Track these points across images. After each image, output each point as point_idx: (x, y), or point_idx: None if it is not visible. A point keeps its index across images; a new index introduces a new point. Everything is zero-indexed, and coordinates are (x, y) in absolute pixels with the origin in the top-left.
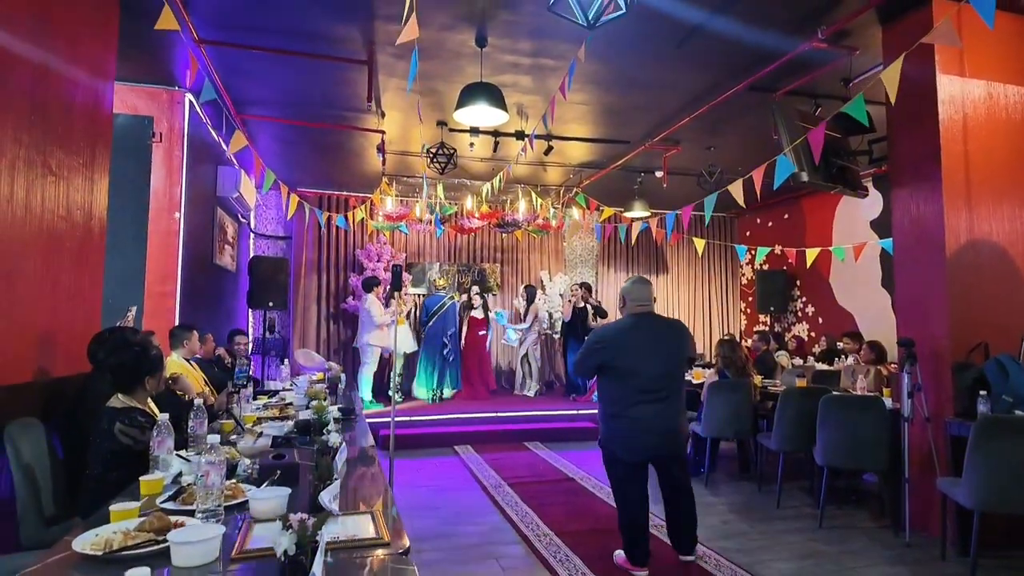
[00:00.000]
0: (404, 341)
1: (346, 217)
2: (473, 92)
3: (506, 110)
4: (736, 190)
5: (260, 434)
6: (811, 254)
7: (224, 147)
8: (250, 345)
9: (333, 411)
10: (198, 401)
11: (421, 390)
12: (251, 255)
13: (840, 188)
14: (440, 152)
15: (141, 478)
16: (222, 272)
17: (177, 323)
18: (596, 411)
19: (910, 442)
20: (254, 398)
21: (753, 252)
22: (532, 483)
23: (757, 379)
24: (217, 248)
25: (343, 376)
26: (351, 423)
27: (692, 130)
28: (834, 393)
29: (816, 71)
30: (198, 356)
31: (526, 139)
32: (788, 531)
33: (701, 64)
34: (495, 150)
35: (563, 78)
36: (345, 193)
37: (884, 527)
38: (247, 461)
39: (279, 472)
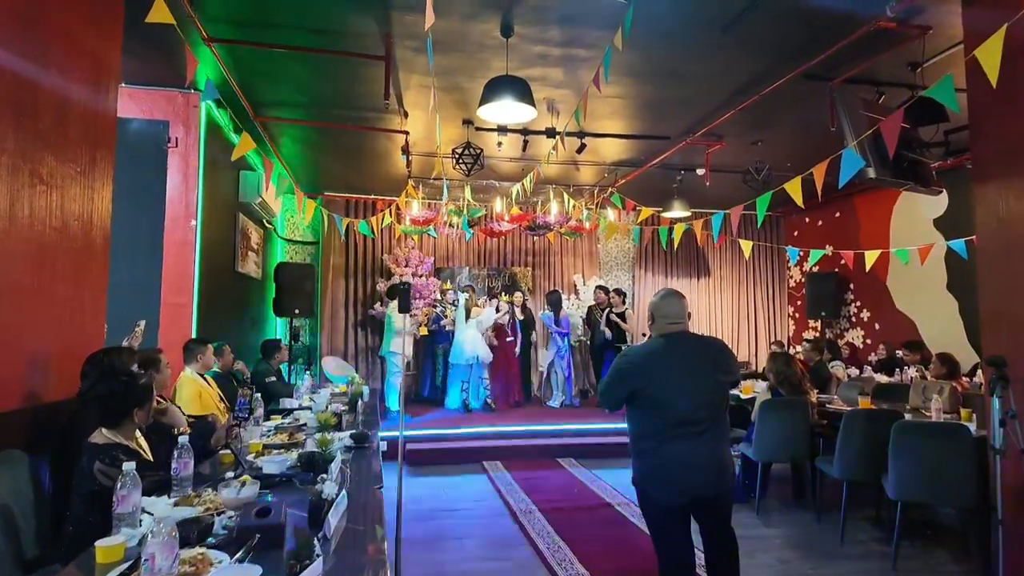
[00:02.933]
0: (475, 346)
1: (369, 223)
2: (498, 87)
3: (534, 105)
4: (794, 189)
5: (255, 473)
6: (870, 256)
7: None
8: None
9: (344, 440)
10: (183, 439)
11: (452, 400)
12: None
13: (911, 185)
14: (466, 153)
15: (97, 544)
16: (246, 280)
17: (194, 335)
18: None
19: (1003, 477)
20: (267, 418)
21: (806, 254)
22: (566, 509)
23: (813, 395)
24: (240, 255)
25: (365, 390)
26: (365, 453)
27: (737, 124)
28: (907, 417)
29: (879, 55)
30: (216, 370)
31: (557, 137)
32: (857, 573)
33: (748, 50)
34: (524, 149)
35: (596, 69)
36: (372, 197)
37: (970, 572)
38: (228, 516)
39: (257, 536)
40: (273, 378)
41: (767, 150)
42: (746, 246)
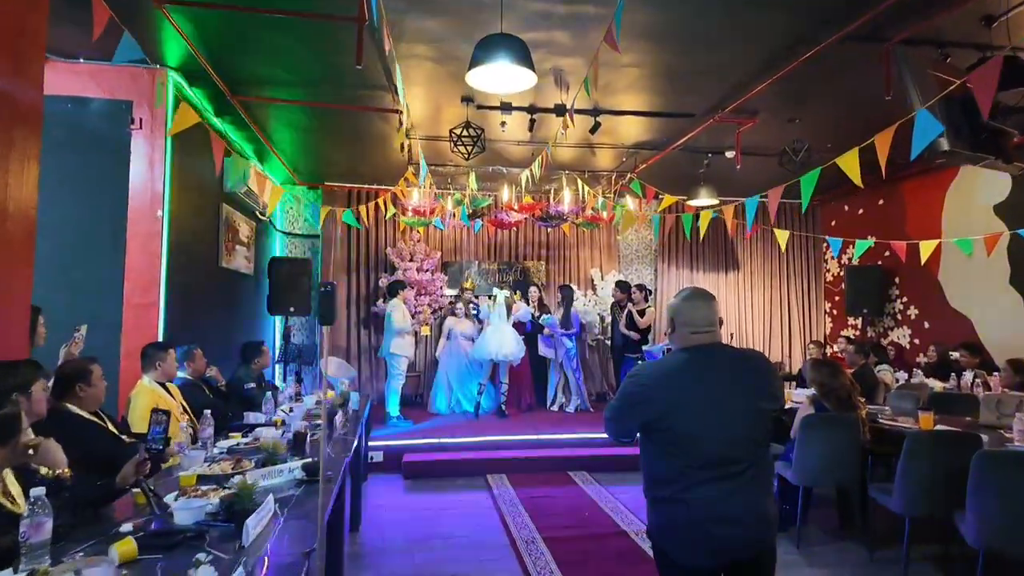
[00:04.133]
0: (506, 345)
1: (355, 212)
2: (490, 46)
3: (533, 69)
4: (850, 164)
5: (163, 525)
6: (925, 247)
7: (226, 135)
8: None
9: (293, 472)
10: (35, 492)
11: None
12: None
13: (990, 160)
14: (465, 133)
15: None
16: (234, 276)
17: (161, 339)
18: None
19: None
20: (226, 436)
21: (852, 244)
22: (574, 538)
23: (864, 409)
24: (224, 249)
25: (354, 396)
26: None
27: (772, 98)
28: (984, 439)
29: (945, 10)
30: (185, 377)
31: (566, 114)
32: None
33: (785, 9)
34: (532, 129)
35: (608, 25)
36: (375, 187)
37: None
38: None
39: None
40: (253, 385)
41: (805, 129)
42: (782, 236)
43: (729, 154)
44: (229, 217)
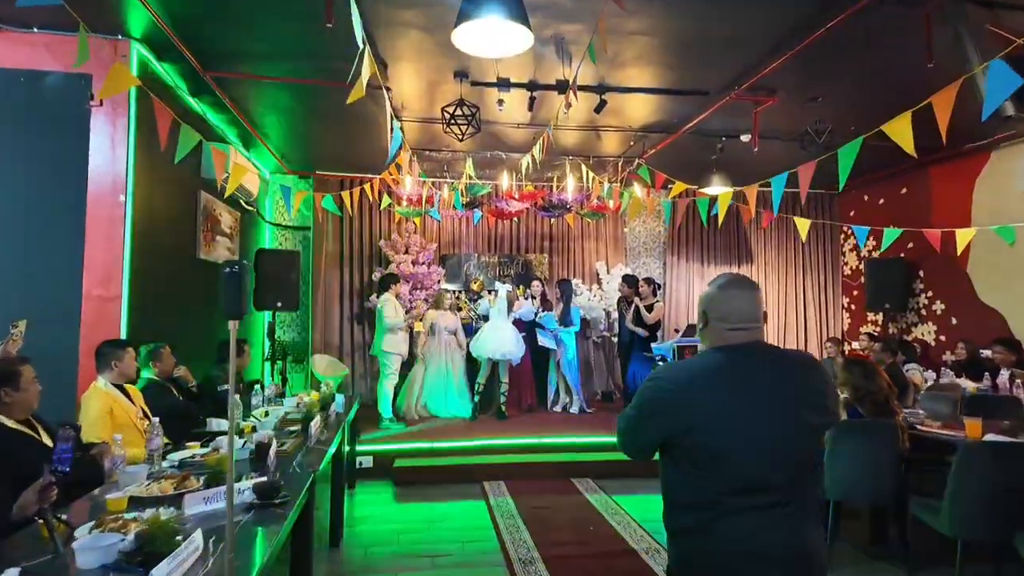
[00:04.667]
0: (505, 343)
1: (336, 198)
2: None
3: (529, 27)
4: (900, 132)
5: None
6: (963, 236)
7: (205, 116)
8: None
9: (243, 494)
10: None
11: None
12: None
13: None
14: (459, 112)
15: None
16: (215, 269)
17: (124, 335)
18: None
19: None
20: (183, 445)
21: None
22: (577, 557)
23: (901, 415)
24: (202, 240)
25: (339, 398)
26: (274, 516)
27: (793, 73)
28: None
29: None
30: (150, 378)
31: (569, 91)
32: None
33: None
34: (532, 108)
35: None
36: (369, 176)
37: None
38: None
39: None
40: (227, 387)
41: (827, 108)
42: (803, 225)
43: (744, 138)
44: (209, 205)
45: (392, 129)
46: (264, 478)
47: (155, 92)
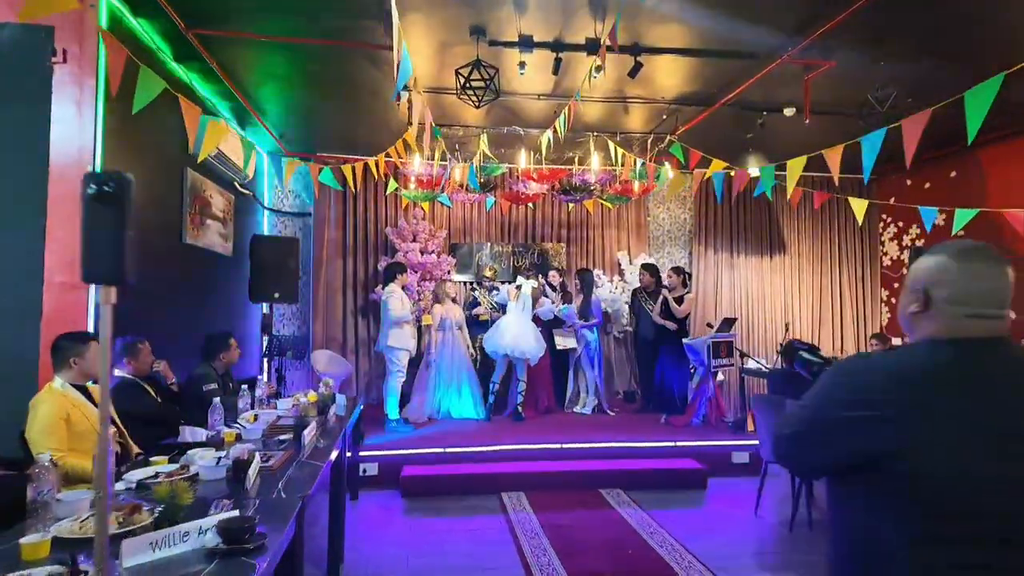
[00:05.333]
0: (524, 340)
1: (339, 176)
2: None
3: None
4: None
5: None
6: None
7: (190, 80)
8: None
9: (203, 538)
10: None
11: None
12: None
13: None
14: (476, 75)
15: None
16: (205, 256)
17: (90, 328)
18: (706, 447)
19: None
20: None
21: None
22: None
23: None
24: (189, 223)
25: (340, 400)
26: (244, 567)
27: (855, 30)
28: None
29: None
30: (126, 376)
31: (600, 50)
32: None
33: None
34: (556, 72)
35: None
36: (376, 158)
37: None
38: None
39: None
40: (214, 386)
41: (889, 74)
42: (859, 207)
43: (788, 111)
44: (197, 185)
45: (402, 98)
46: (236, 511)
47: (133, 50)
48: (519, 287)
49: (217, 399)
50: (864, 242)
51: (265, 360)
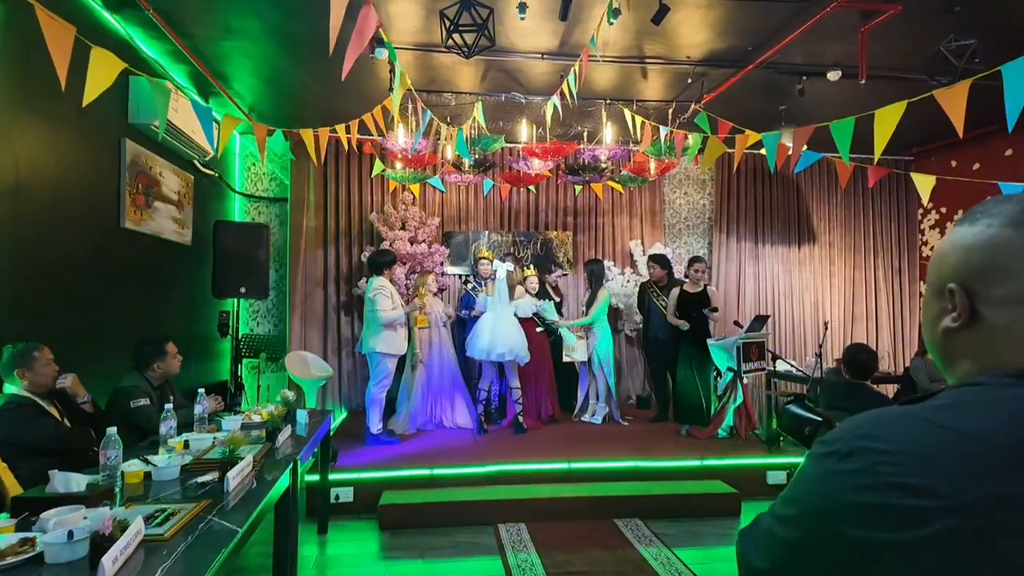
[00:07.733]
0: (505, 337)
1: (291, 136)
2: None
3: None
4: None
5: None
6: None
7: (130, 37)
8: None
9: None
10: None
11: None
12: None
13: None
14: (465, 18)
15: None
16: (153, 245)
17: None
18: (737, 465)
19: None
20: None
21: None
22: None
23: None
24: (129, 203)
25: (300, 416)
26: None
27: None
28: None
29: None
30: (18, 394)
31: None
32: None
33: None
34: (565, 15)
35: None
36: (359, 137)
37: None
38: None
39: None
40: (144, 401)
41: (961, 25)
42: (925, 184)
43: (833, 76)
44: (141, 160)
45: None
46: None
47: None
48: (495, 272)
49: (114, 430)
50: (902, 231)
51: (234, 365)
